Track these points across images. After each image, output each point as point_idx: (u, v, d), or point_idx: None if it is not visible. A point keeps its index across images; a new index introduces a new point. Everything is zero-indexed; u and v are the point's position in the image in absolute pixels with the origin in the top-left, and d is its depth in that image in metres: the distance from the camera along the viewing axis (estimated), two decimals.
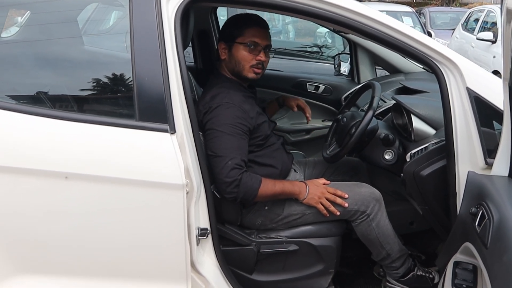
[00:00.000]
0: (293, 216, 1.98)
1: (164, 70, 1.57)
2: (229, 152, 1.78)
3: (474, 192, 1.46)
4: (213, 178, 1.80)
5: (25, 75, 1.67)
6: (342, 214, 1.96)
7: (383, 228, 2.01)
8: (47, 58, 1.71)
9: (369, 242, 2.05)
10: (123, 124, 1.57)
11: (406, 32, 1.68)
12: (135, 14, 1.58)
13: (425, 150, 1.89)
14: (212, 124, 1.83)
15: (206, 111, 1.85)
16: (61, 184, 1.53)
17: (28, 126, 1.53)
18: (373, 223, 1.99)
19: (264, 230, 2.01)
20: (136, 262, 1.67)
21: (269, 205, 1.97)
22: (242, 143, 1.83)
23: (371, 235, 2.01)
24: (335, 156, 2.11)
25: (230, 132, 1.81)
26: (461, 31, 9.08)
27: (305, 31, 7.49)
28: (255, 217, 1.99)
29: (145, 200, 1.58)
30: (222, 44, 1.96)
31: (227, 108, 1.83)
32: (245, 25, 1.94)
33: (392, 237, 2.05)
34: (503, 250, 1.07)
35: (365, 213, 1.97)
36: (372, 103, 2.00)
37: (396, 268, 2.10)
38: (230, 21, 2.00)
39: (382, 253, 2.06)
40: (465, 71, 1.65)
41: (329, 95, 3.42)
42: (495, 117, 1.64)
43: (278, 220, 1.98)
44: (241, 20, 1.97)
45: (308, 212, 1.97)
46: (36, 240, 1.60)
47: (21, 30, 1.98)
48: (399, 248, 2.08)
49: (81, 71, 1.70)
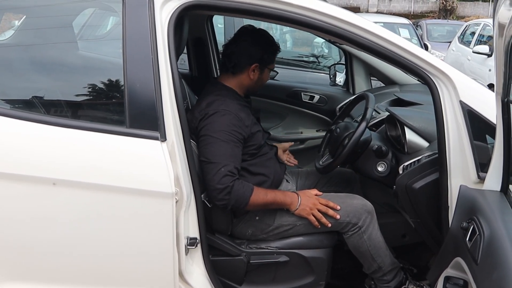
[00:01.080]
0: (284, 226, 1.96)
1: (156, 77, 1.56)
2: (223, 159, 1.77)
3: (465, 207, 1.45)
4: (205, 184, 1.78)
5: (14, 79, 1.65)
6: (334, 225, 1.95)
7: (374, 241, 1.99)
8: (37, 63, 1.69)
9: (361, 255, 2.03)
10: (113, 131, 1.56)
11: (400, 44, 1.68)
12: (128, 20, 1.57)
13: (418, 163, 1.88)
14: (207, 130, 1.81)
15: (202, 117, 1.84)
16: (48, 190, 1.51)
17: (15, 130, 1.51)
18: (364, 236, 1.97)
19: (255, 241, 1.99)
20: (123, 271, 1.65)
21: (260, 215, 1.95)
22: (236, 150, 1.82)
23: (363, 247, 1.99)
24: (327, 167, 2.09)
25: (224, 139, 1.79)
26: (457, 44, 9.13)
27: (302, 41, 7.49)
28: (246, 227, 1.97)
29: (134, 208, 1.56)
30: (257, 66, 1.97)
31: (223, 115, 1.82)
32: (276, 52, 2.03)
33: (384, 250, 2.03)
34: (493, 267, 1.06)
35: (356, 225, 1.95)
36: (366, 114, 1.99)
37: (388, 281, 2.08)
38: (265, 45, 2.00)
39: (374, 266, 2.04)
40: (458, 84, 1.65)
41: (323, 105, 3.41)
42: (488, 131, 1.64)
43: (269, 230, 1.97)
44: (273, 47, 2.02)
45: (299, 223, 1.95)
46: (23, 247, 1.58)
47: (15, 34, 1.98)
48: (390, 261, 2.06)
49: (71, 76, 1.70)
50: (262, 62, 1.98)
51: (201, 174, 1.78)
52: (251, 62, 1.95)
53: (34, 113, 1.57)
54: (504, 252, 1.05)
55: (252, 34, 2.00)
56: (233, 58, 1.96)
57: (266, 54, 1.98)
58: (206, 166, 1.78)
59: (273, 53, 2.03)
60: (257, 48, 1.96)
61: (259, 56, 1.96)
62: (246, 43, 1.96)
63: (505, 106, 1.30)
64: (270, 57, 2.01)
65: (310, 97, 3.45)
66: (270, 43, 2.01)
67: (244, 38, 1.98)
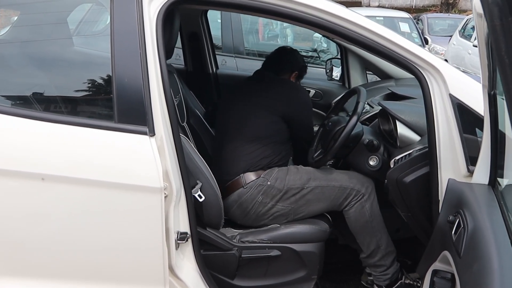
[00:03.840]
0: (292, 190, 2.02)
1: (144, 72, 1.55)
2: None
3: (453, 200, 1.44)
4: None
5: (2, 74, 1.65)
6: (339, 192, 2.02)
7: (375, 212, 2.06)
8: (26, 58, 1.69)
9: (361, 229, 2.06)
10: (101, 126, 1.55)
11: (389, 37, 1.67)
12: (115, 14, 1.57)
13: (409, 157, 1.87)
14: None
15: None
16: (37, 186, 1.51)
17: (2, 126, 1.51)
18: (366, 204, 2.04)
19: (246, 234, 2.00)
20: (113, 266, 1.65)
21: (272, 181, 2.02)
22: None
23: (364, 218, 2.04)
24: (320, 161, 2.09)
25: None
26: (458, 38, 9.08)
27: (303, 36, 7.46)
28: (256, 193, 2.02)
29: (122, 203, 1.55)
30: (296, 74, 2.32)
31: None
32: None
33: (383, 225, 2.09)
34: (474, 259, 1.05)
35: (360, 192, 2.04)
36: (357, 108, 1.99)
37: (386, 268, 2.08)
38: (300, 57, 2.44)
39: (372, 244, 2.06)
40: (448, 78, 1.64)
41: (319, 100, 3.41)
42: (477, 124, 1.63)
43: (278, 197, 2.02)
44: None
45: (306, 187, 2.02)
46: (12, 242, 1.57)
47: (10, 30, 1.98)
48: (388, 241, 2.10)
49: (59, 71, 1.69)
50: (299, 70, 2.35)
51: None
52: (292, 71, 2.31)
53: (22, 108, 1.56)
54: (486, 244, 1.05)
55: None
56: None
57: (301, 65, 2.39)
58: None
59: (304, 66, 2.43)
60: (295, 60, 2.39)
61: (298, 66, 2.36)
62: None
63: (492, 98, 1.29)
64: (303, 69, 2.41)
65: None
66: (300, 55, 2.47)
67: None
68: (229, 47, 4.58)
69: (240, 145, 2.09)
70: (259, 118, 2.10)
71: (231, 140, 2.12)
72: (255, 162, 2.06)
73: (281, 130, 2.13)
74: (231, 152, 2.11)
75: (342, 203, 2.06)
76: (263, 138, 2.09)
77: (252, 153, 2.07)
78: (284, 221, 2.05)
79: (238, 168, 2.07)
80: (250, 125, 2.11)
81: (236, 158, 2.08)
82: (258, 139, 2.08)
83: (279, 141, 2.14)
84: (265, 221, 2.06)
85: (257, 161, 2.07)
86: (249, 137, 2.08)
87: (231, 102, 2.23)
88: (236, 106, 2.17)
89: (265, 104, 2.11)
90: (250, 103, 2.14)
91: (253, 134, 2.09)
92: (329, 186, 2.05)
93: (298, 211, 2.05)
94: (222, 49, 4.58)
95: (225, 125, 2.20)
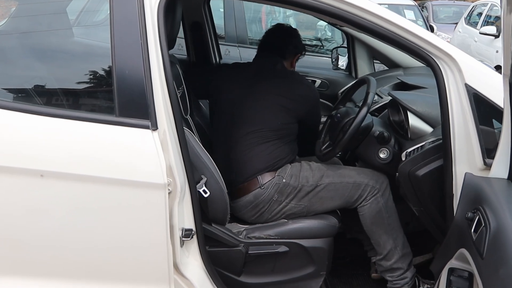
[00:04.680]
0: (306, 187, 1.97)
1: (146, 63, 1.49)
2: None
3: (471, 196, 1.38)
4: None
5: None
6: (353, 188, 1.97)
7: (391, 209, 2.01)
8: (23, 50, 1.63)
9: (376, 227, 2.00)
10: (102, 120, 1.50)
11: (402, 25, 1.59)
12: (115, 3, 1.51)
13: (421, 149, 1.81)
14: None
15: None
16: (36, 183, 1.46)
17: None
18: (382, 200, 1.98)
19: (253, 229, 1.95)
20: (116, 264, 1.61)
21: (287, 178, 1.98)
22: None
23: (380, 214, 1.98)
24: (328, 154, 2.03)
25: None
26: (464, 25, 8.95)
27: (307, 24, 7.36)
28: (273, 192, 1.97)
29: (125, 199, 1.51)
30: (299, 56, 2.24)
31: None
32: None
33: (399, 226, 2.03)
34: (500, 263, 0.99)
35: (375, 188, 1.98)
36: (367, 99, 1.92)
37: (403, 271, 2.01)
38: (298, 34, 2.28)
39: (389, 243, 1.99)
40: (464, 67, 1.57)
41: (325, 90, 3.34)
42: (495, 115, 1.56)
43: (293, 195, 1.97)
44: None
45: (319, 184, 1.97)
46: (11, 240, 1.53)
47: (8, 21, 1.92)
48: (404, 242, 2.03)
49: (58, 63, 1.63)
50: (300, 51, 2.26)
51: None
52: (295, 53, 2.23)
53: (19, 102, 1.51)
54: None
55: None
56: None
57: (300, 43, 2.29)
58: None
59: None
60: (297, 40, 2.27)
61: (300, 46, 2.26)
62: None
63: None
64: (302, 45, 2.31)
65: (311, 81, 3.36)
66: (297, 32, 2.31)
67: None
68: (232, 36, 4.49)
69: (256, 145, 1.99)
70: (274, 117, 2.01)
71: (242, 139, 2.02)
72: (273, 163, 1.99)
73: (294, 128, 2.08)
74: (245, 153, 2.01)
75: (356, 200, 2.00)
76: (280, 138, 2.02)
77: (270, 154, 1.99)
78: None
79: (254, 169, 1.98)
80: (265, 124, 2.00)
81: (252, 159, 1.99)
82: (275, 139, 2.00)
83: (293, 139, 2.10)
84: (278, 219, 2.00)
85: (275, 162, 2.00)
86: (265, 137, 1.99)
87: (233, 94, 2.07)
88: (245, 102, 2.04)
89: (281, 104, 2.01)
90: (263, 100, 2.03)
91: (269, 134, 2.00)
92: (342, 182, 1.99)
93: (311, 209, 1.99)
94: (225, 38, 4.50)
95: (232, 121, 2.06)
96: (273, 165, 1.99)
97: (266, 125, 2.00)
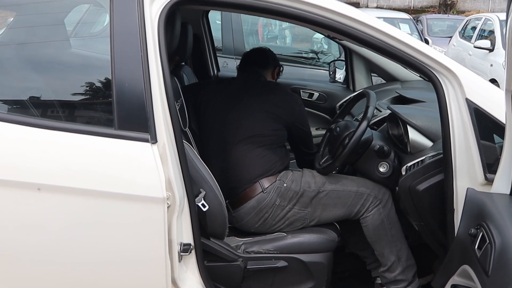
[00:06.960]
0: (308, 193, 1.97)
1: (146, 76, 1.48)
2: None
3: (473, 212, 1.36)
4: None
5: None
6: (355, 198, 1.96)
7: (393, 219, 2.00)
8: (20, 61, 1.61)
9: (379, 238, 1.98)
10: (101, 133, 1.48)
11: (402, 39, 1.60)
12: (115, 15, 1.50)
13: (422, 164, 1.80)
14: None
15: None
16: (33, 196, 1.44)
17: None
18: (384, 211, 1.98)
19: (251, 244, 1.92)
20: (114, 279, 1.58)
21: (289, 183, 1.97)
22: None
23: (382, 225, 1.97)
24: (327, 168, 2.02)
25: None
26: (458, 39, 9.03)
27: (302, 37, 7.40)
28: (276, 196, 1.96)
29: (123, 213, 1.48)
30: (278, 69, 2.37)
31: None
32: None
33: (403, 237, 2.02)
34: (507, 282, 0.98)
35: (377, 198, 1.97)
36: (367, 113, 1.91)
37: (408, 283, 1.99)
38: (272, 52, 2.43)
39: (392, 255, 1.98)
40: (464, 81, 1.57)
41: (323, 103, 3.34)
42: (495, 130, 1.56)
43: (295, 200, 1.96)
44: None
45: (322, 190, 1.97)
46: (7, 255, 1.50)
47: (5, 32, 1.91)
48: (408, 254, 2.02)
49: (56, 74, 1.62)
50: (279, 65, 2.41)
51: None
52: (275, 67, 2.37)
53: (16, 114, 1.49)
54: None
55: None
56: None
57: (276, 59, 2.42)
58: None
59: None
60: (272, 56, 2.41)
61: (277, 62, 2.41)
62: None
63: None
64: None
65: (309, 94, 3.38)
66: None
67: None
68: (230, 48, 4.50)
69: (250, 150, 2.00)
70: (265, 124, 2.04)
71: (236, 147, 2.02)
72: (269, 166, 2.00)
73: (283, 136, 2.12)
74: (240, 159, 2.01)
75: (359, 210, 1.98)
76: (271, 143, 2.04)
77: (265, 158, 2.00)
78: (300, 227, 1.99)
79: (252, 174, 1.99)
80: (256, 131, 2.02)
81: (248, 165, 2.00)
82: (267, 144, 2.02)
83: (283, 145, 2.12)
84: (282, 226, 1.98)
85: (272, 164, 2.01)
86: (258, 143, 2.01)
87: (223, 106, 2.10)
88: (235, 111, 2.06)
89: (270, 111, 2.05)
90: (253, 109, 2.06)
91: (261, 139, 2.02)
92: (345, 191, 1.98)
93: (314, 215, 1.98)
94: (223, 50, 4.50)
95: (223, 131, 2.07)
96: (270, 168, 2.00)
97: (257, 131, 2.03)
